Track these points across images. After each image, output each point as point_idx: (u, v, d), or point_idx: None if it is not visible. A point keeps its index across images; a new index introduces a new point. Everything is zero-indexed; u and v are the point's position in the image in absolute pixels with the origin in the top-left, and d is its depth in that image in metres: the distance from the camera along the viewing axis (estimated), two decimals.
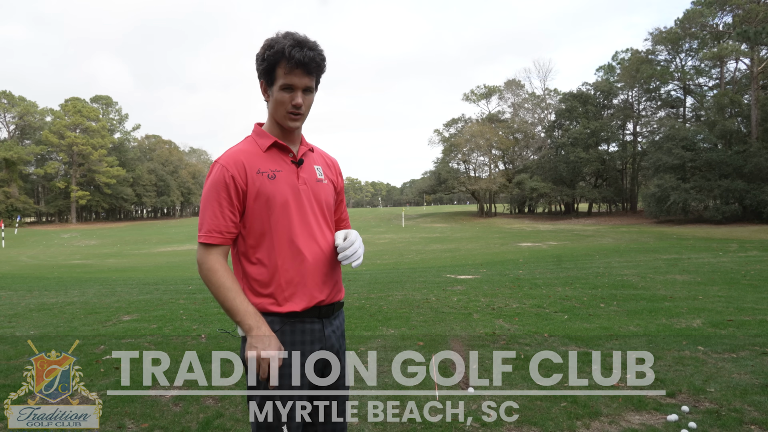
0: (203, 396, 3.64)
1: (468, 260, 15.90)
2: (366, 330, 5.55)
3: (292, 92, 1.62)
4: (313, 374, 1.71)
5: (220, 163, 1.64)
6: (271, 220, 1.63)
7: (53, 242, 40.78)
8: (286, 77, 1.60)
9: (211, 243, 1.61)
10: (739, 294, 7.31)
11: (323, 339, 1.71)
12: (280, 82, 1.61)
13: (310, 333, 1.67)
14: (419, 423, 3.13)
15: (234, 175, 1.61)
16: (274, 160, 1.68)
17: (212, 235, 1.61)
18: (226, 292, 1.58)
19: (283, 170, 1.67)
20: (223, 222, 1.61)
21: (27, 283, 11.84)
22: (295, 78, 1.60)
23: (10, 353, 4.88)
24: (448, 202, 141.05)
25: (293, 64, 1.58)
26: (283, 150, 1.70)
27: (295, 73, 1.60)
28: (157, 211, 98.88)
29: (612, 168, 52.77)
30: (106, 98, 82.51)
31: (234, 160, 1.63)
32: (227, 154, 1.66)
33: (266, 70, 1.63)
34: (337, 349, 1.76)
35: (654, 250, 16.00)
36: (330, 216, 1.80)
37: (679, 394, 3.46)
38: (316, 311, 1.68)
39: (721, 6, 37.99)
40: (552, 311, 6.38)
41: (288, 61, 1.58)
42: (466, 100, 67.55)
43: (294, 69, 1.59)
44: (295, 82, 1.61)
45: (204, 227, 1.62)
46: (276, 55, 1.59)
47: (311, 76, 1.63)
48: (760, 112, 35.36)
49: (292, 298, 1.64)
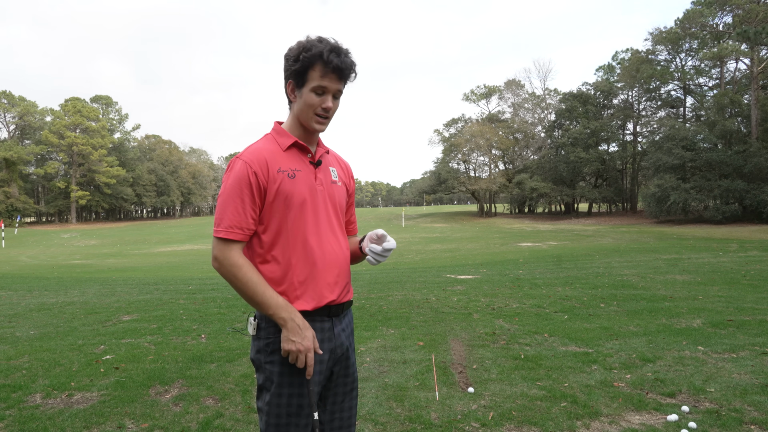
0: (203, 396, 3.64)
1: (468, 260, 15.90)
2: (366, 330, 5.55)
3: (324, 96, 1.65)
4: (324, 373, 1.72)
5: (242, 160, 1.64)
6: (288, 219, 1.65)
7: (53, 242, 40.79)
8: (321, 80, 1.63)
9: (233, 239, 1.61)
10: (739, 294, 7.31)
11: (333, 338, 1.72)
12: (313, 84, 1.63)
13: (320, 331, 1.69)
14: (419, 423, 3.13)
15: (257, 171, 1.62)
16: (293, 160, 1.70)
17: (234, 230, 1.61)
18: (255, 287, 1.59)
19: (302, 170, 1.70)
20: (245, 218, 1.62)
21: (27, 283, 11.84)
22: (329, 82, 1.63)
23: (10, 353, 4.88)
24: (448, 202, 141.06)
25: (331, 68, 1.61)
26: (302, 150, 1.73)
27: (330, 78, 1.63)
28: (157, 211, 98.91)
29: (612, 168, 52.78)
30: (106, 98, 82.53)
31: (257, 157, 1.65)
32: (249, 150, 1.68)
33: (299, 72, 1.65)
34: (347, 347, 1.79)
35: (654, 250, 16.00)
36: (342, 218, 1.83)
37: (679, 394, 3.46)
38: (326, 310, 1.70)
39: (721, 6, 37.99)
40: (552, 311, 6.38)
41: (325, 65, 1.60)
42: (466, 100, 67.69)
43: (330, 73, 1.62)
44: (328, 86, 1.63)
45: (224, 222, 1.61)
46: (313, 58, 1.61)
47: (343, 82, 1.67)
48: (760, 112, 35.37)
49: (303, 297, 1.66)
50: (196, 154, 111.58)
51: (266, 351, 1.66)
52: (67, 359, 4.60)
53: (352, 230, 1.98)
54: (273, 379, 1.64)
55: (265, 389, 1.67)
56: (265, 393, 1.66)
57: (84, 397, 3.65)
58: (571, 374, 3.92)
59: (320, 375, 1.69)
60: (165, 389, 3.79)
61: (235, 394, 3.67)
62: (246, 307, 7.16)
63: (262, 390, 1.68)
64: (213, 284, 10.30)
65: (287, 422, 1.63)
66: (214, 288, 9.64)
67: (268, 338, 1.66)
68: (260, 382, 1.68)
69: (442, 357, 4.45)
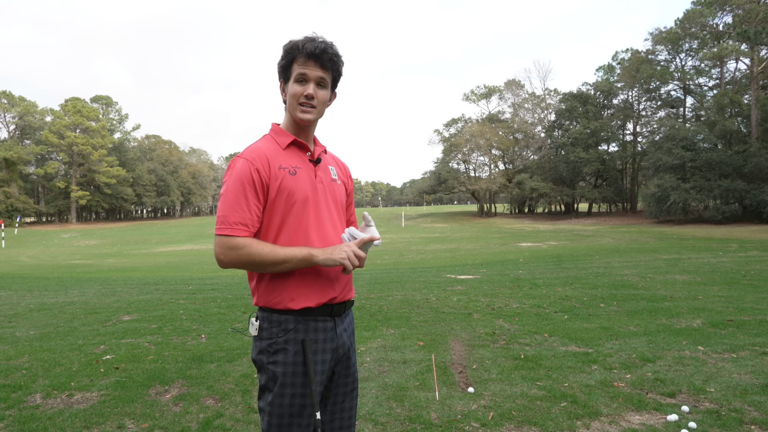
0: (203, 396, 3.64)
1: (468, 260, 15.90)
2: (366, 330, 5.55)
3: (305, 84, 1.68)
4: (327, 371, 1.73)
5: (244, 158, 1.66)
6: (290, 216, 1.66)
7: (53, 242, 40.78)
8: (300, 69, 1.67)
9: (238, 236, 1.61)
10: (739, 294, 7.31)
11: (335, 337, 1.73)
12: (294, 75, 1.68)
13: (323, 331, 1.70)
14: (419, 423, 3.13)
15: (259, 168, 1.63)
16: (293, 157, 1.72)
17: (239, 227, 1.61)
18: (272, 248, 1.60)
19: (303, 167, 1.71)
20: (249, 215, 1.62)
21: (27, 283, 11.84)
22: (307, 69, 1.67)
23: (10, 353, 4.88)
24: (448, 202, 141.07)
25: (306, 55, 1.65)
26: (301, 148, 1.75)
27: (308, 65, 1.66)
28: (157, 211, 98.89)
29: (612, 168, 52.76)
30: (106, 98, 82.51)
31: (258, 154, 1.66)
32: (250, 149, 1.69)
33: (284, 67, 1.71)
34: (348, 346, 1.79)
35: (654, 250, 16.00)
36: (344, 215, 1.85)
37: (679, 394, 3.46)
38: (329, 309, 1.71)
39: (721, 6, 37.98)
40: (552, 311, 6.38)
41: (301, 52, 1.65)
42: (466, 100, 67.65)
43: (307, 61, 1.66)
44: (307, 73, 1.67)
45: (230, 219, 1.61)
46: (292, 51, 1.67)
47: (325, 70, 1.69)
48: (760, 112, 35.35)
49: (307, 293, 1.66)
50: (196, 154, 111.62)
51: (269, 351, 1.66)
52: (67, 359, 4.60)
53: None
54: (276, 379, 1.64)
55: (267, 389, 1.66)
56: (267, 393, 1.66)
57: (84, 397, 3.65)
58: (571, 374, 3.92)
59: (322, 375, 1.69)
60: (165, 389, 3.79)
61: (235, 394, 3.67)
62: (246, 307, 7.17)
63: (264, 390, 1.68)
64: (213, 284, 10.30)
65: (289, 422, 1.63)
66: (214, 288, 9.64)
67: (270, 339, 1.66)
68: (262, 383, 1.68)
69: (442, 357, 4.45)
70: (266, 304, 1.68)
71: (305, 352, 1.64)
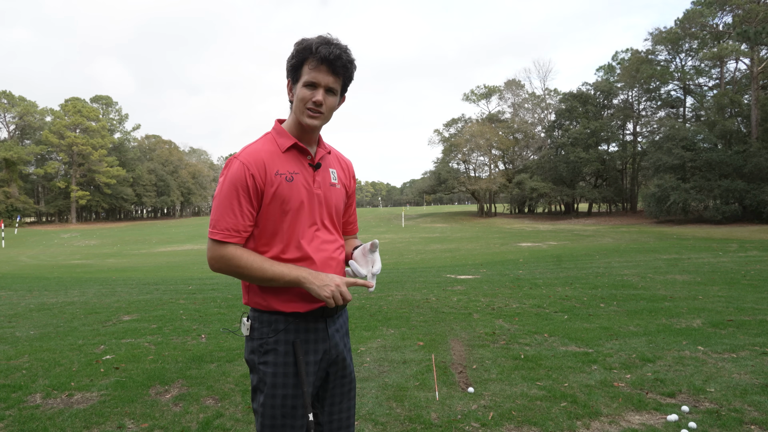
0: (203, 396, 3.64)
1: (468, 260, 15.90)
2: (366, 330, 5.54)
3: (315, 90, 1.62)
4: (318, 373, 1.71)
5: (239, 160, 1.62)
6: (284, 222, 1.64)
7: (53, 242, 40.78)
8: (310, 73, 1.60)
9: (229, 242, 1.60)
10: (739, 294, 7.31)
11: (327, 338, 1.71)
12: (304, 79, 1.62)
13: (313, 332, 1.68)
14: (419, 423, 3.12)
15: (254, 174, 1.60)
16: (292, 162, 1.68)
17: (230, 233, 1.60)
18: (261, 268, 1.58)
19: (300, 173, 1.68)
20: (242, 221, 1.60)
21: (27, 283, 11.83)
22: (319, 75, 1.60)
23: (10, 353, 4.88)
24: (448, 202, 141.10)
25: (318, 59, 1.58)
26: (302, 152, 1.71)
27: (320, 70, 1.60)
28: (157, 211, 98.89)
29: (612, 168, 52.77)
30: (106, 98, 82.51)
31: (254, 158, 1.62)
32: (247, 151, 1.65)
33: (294, 67, 1.64)
34: (342, 347, 1.77)
35: (654, 250, 16.00)
36: (338, 221, 1.82)
37: (679, 394, 3.46)
38: (320, 311, 1.69)
39: (721, 6, 37.99)
40: (552, 311, 6.38)
41: (313, 56, 1.58)
42: (466, 100, 67.68)
43: (319, 65, 1.59)
44: (318, 79, 1.60)
45: (221, 224, 1.60)
46: (304, 52, 1.60)
47: (336, 76, 1.62)
48: (760, 112, 35.36)
49: (297, 300, 1.65)
50: (196, 154, 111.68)
51: (260, 351, 1.65)
52: (67, 359, 4.60)
53: (352, 230, 1.97)
54: (266, 380, 1.63)
55: (259, 390, 1.65)
56: (259, 394, 1.65)
57: (84, 397, 3.65)
58: (571, 374, 3.92)
59: (313, 375, 1.68)
60: (165, 389, 3.79)
61: (235, 394, 3.67)
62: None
63: (256, 391, 1.67)
64: (213, 284, 10.30)
65: (282, 423, 1.62)
66: (214, 288, 9.64)
67: (261, 338, 1.65)
68: (254, 383, 1.67)
69: (442, 357, 4.45)
70: (257, 304, 1.67)
71: (296, 354, 1.63)
